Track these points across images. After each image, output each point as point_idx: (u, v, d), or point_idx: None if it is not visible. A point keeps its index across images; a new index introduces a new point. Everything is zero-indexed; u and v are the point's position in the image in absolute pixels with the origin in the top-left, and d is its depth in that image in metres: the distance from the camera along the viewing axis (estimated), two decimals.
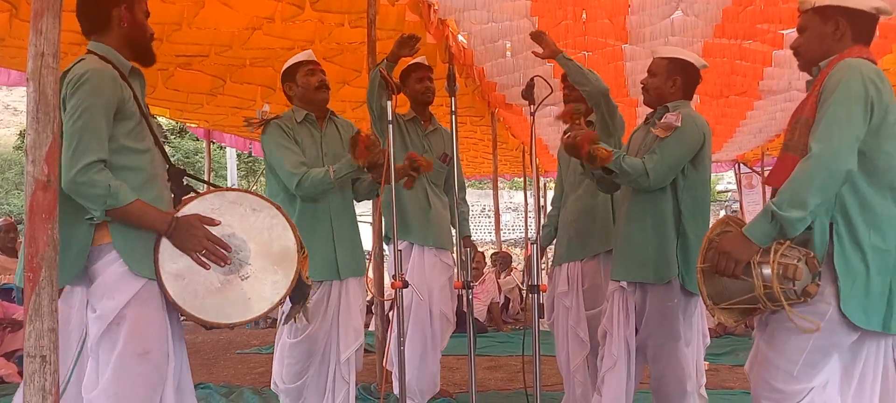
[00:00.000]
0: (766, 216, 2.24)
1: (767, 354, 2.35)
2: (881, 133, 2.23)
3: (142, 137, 2.36)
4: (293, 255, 2.43)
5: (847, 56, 2.32)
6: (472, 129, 11.15)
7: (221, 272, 2.35)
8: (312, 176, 3.29)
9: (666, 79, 3.39)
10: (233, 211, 2.41)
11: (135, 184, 2.28)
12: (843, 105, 2.19)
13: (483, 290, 8.30)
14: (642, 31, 7.12)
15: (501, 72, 8.05)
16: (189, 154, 24.39)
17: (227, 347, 6.93)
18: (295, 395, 3.53)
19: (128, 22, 2.38)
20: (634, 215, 3.34)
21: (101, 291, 2.25)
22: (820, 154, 2.17)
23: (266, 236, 2.42)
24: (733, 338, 7.24)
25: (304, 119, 3.51)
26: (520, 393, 4.57)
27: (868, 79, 2.22)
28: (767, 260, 2.24)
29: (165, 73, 7.16)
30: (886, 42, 7.01)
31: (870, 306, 2.23)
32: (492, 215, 14.67)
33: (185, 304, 2.31)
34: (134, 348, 2.23)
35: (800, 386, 2.29)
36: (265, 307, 2.40)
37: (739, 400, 4.53)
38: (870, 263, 2.23)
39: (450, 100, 3.00)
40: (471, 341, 3.09)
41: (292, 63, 3.57)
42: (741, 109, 10.14)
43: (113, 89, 2.25)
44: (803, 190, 2.18)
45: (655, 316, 3.30)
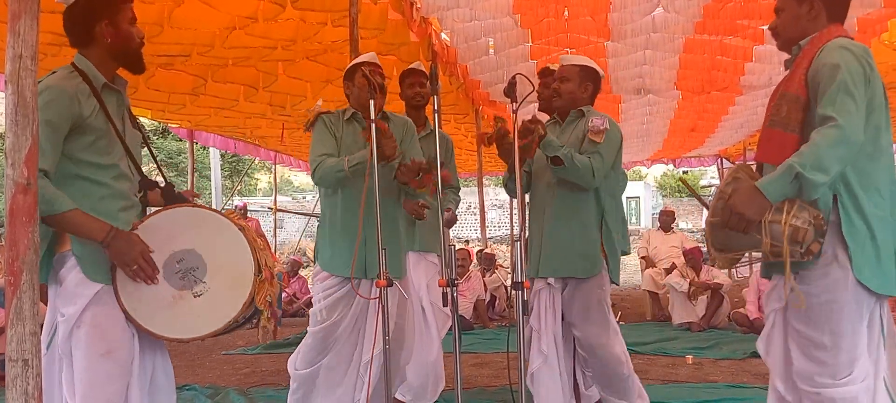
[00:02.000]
0: (788, 175, 2.27)
1: (806, 332, 2.38)
2: (872, 106, 2.34)
3: (107, 151, 2.40)
4: (249, 278, 2.42)
5: (827, 35, 2.44)
6: (456, 127, 11.15)
7: (175, 287, 2.38)
8: (327, 164, 3.33)
9: (579, 85, 3.61)
10: (196, 227, 2.43)
11: (96, 197, 2.34)
12: (849, 82, 2.28)
13: (469, 288, 8.32)
14: (624, 28, 7.15)
15: (484, 69, 8.07)
16: (172, 154, 24.25)
17: (213, 348, 6.90)
18: (305, 382, 3.53)
19: (111, 36, 2.41)
20: (560, 215, 3.52)
21: (64, 297, 2.35)
22: (844, 124, 2.24)
23: (224, 256, 2.42)
24: (717, 332, 7.30)
25: (351, 117, 3.54)
26: (505, 390, 4.59)
27: (863, 58, 2.34)
28: (779, 219, 2.29)
29: (146, 74, 7.08)
30: (865, 37, 7.09)
31: (881, 272, 2.35)
32: (477, 212, 14.70)
33: (135, 314, 2.36)
34: (97, 348, 2.31)
35: (849, 357, 2.34)
36: (213, 326, 2.40)
37: (722, 394, 4.57)
38: (875, 231, 2.34)
39: (432, 99, 3.00)
40: (456, 338, 3.12)
41: (354, 63, 3.58)
42: (723, 105, 10.21)
43: (67, 107, 2.28)
44: (827, 155, 2.24)
45: (585, 309, 3.50)
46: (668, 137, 13.31)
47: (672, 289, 7.88)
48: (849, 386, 2.33)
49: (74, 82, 2.35)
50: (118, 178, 2.42)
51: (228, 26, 6.07)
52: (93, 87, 2.38)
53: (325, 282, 3.46)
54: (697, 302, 7.74)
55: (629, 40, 7.41)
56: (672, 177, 39.25)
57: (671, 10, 6.76)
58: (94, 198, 2.35)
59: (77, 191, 2.32)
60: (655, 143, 14.21)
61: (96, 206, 2.34)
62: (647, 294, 8.69)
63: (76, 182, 2.34)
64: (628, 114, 10.75)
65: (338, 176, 3.30)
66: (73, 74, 2.37)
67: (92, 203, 2.33)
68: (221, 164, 21.01)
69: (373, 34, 6.04)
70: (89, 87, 2.37)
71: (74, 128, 2.31)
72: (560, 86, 3.60)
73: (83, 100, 2.33)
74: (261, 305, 2.45)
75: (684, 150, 15.66)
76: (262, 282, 2.44)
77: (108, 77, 2.45)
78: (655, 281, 8.52)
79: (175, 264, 2.40)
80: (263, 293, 2.46)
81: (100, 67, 2.42)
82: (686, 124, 11.85)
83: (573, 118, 3.61)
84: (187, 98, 8.14)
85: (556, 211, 3.53)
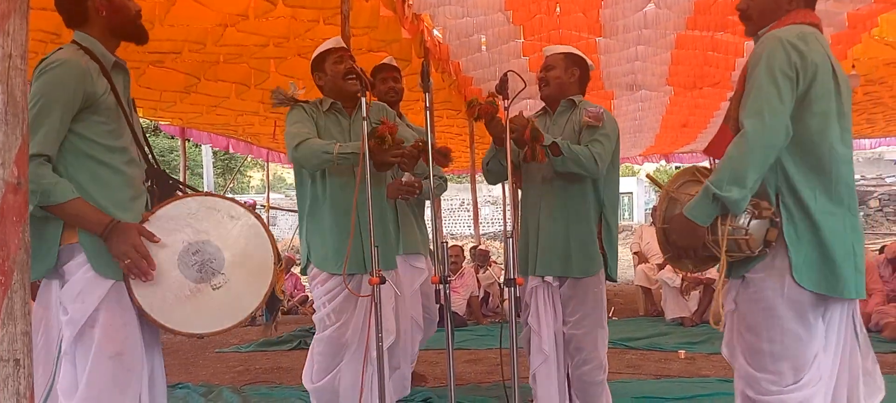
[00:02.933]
0: (707, 196, 2.21)
1: (748, 338, 2.33)
2: (811, 95, 2.20)
3: (118, 134, 2.30)
4: (269, 267, 2.35)
5: (788, 20, 2.30)
6: (449, 124, 11.16)
7: (192, 280, 2.29)
8: (312, 143, 3.15)
9: (565, 71, 3.49)
10: (210, 217, 2.34)
11: (113, 184, 2.25)
12: (767, 77, 2.16)
13: (462, 284, 8.33)
14: (616, 25, 7.17)
15: (477, 66, 8.07)
16: (164, 152, 24.17)
17: (206, 346, 6.89)
18: (325, 394, 3.40)
19: (106, 9, 2.29)
20: (557, 210, 3.40)
21: (71, 293, 2.23)
22: (753, 130, 2.15)
23: (242, 245, 2.35)
24: (709, 327, 7.30)
25: (330, 107, 3.39)
26: (498, 386, 4.60)
27: (790, 46, 2.18)
28: (717, 237, 2.24)
29: (137, 71, 7.08)
30: (855, 32, 7.12)
31: (828, 272, 2.22)
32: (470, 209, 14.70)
33: (152, 311, 2.26)
34: (106, 350, 2.21)
35: (793, 362, 2.26)
36: (235, 319, 2.33)
37: (715, 388, 4.58)
38: (823, 228, 2.21)
39: (424, 96, 2.99)
40: (449, 335, 3.10)
41: (320, 51, 3.42)
42: (714, 100, 10.24)
43: (78, 83, 2.17)
44: (740, 168, 2.16)
45: (582, 309, 3.41)
46: (661, 133, 13.35)
47: (664, 285, 7.90)
48: (795, 393, 2.25)
49: (85, 58, 2.23)
50: (129, 164, 2.32)
51: (220, 23, 6.06)
52: (102, 66, 2.28)
53: (327, 284, 3.34)
54: (690, 298, 7.76)
55: (621, 36, 7.42)
56: (666, 172, 39.33)
57: (662, 5, 6.78)
58: (108, 186, 2.25)
59: (92, 177, 2.22)
60: (647, 139, 14.24)
61: (110, 195, 2.24)
62: (640, 289, 8.71)
63: (92, 166, 2.23)
64: (620, 110, 10.77)
65: (323, 157, 3.11)
66: (76, 50, 2.24)
67: (105, 191, 2.24)
68: (214, 162, 20.97)
69: (364, 31, 6.03)
70: (98, 65, 2.26)
71: (86, 106, 2.20)
72: (546, 74, 3.51)
73: (95, 77, 2.23)
74: (279, 294, 2.42)
75: (676, 146, 15.69)
76: (281, 271, 2.40)
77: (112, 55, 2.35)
78: (648, 277, 8.54)
79: (191, 256, 2.30)
80: (281, 282, 2.43)
81: (104, 44, 2.31)
82: (678, 120, 11.88)
83: (564, 108, 3.50)
84: (179, 96, 8.11)
85: (553, 206, 3.41)
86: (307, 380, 3.49)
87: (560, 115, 3.52)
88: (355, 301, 3.32)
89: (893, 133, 13.97)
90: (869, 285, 3.85)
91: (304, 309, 9.66)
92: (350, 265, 3.24)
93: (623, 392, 4.49)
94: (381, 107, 3.63)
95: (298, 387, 4.87)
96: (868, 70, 8.69)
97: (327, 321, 3.35)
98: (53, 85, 2.15)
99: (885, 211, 24.10)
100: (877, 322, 6.46)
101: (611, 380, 3.58)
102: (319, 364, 3.40)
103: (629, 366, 5.52)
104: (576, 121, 3.43)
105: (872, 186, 24.69)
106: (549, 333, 3.46)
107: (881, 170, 27.25)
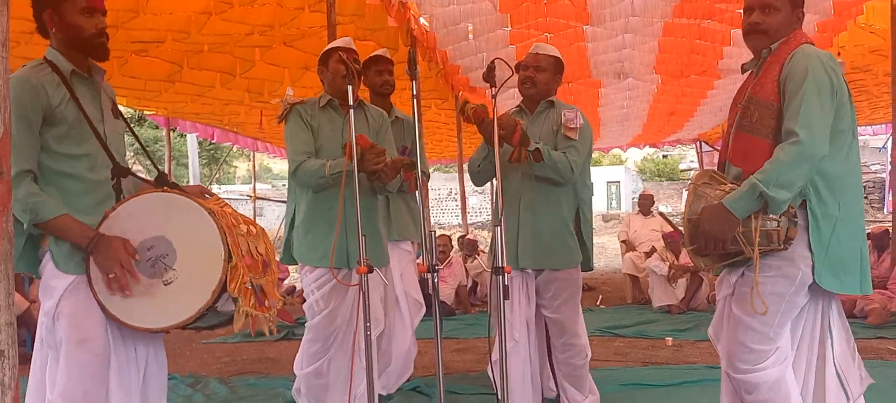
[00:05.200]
0: (753, 193, 2.34)
1: (742, 318, 2.48)
2: (839, 114, 2.39)
3: (79, 141, 2.35)
4: (219, 264, 2.33)
5: (795, 41, 2.48)
6: (436, 113, 11.13)
7: (146, 275, 2.32)
8: (308, 166, 3.27)
9: (553, 75, 3.62)
10: (165, 213, 2.37)
11: (74, 191, 2.33)
12: (815, 93, 2.33)
13: (450, 273, 8.33)
14: (603, 12, 7.16)
15: (464, 54, 8.05)
16: (148, 143, 24.00)
17: (193, 337, 6.86)
18: (314, 379, 3.44)
19: (56, 26, 2.35)
20: (537, 205, 3.51)
21: (42, 291, 2.37)
22: (806, 141, 2.30)
23: (195, 242, 2.35)
24: (696, 314, 7.36)
25: (327, 104, 3.47)
26: (486, 375, 4.60)
27: (829, 67, 2.38)
28: (750, 227, 2.37)
29: (120, 61, 7.02)
30: (841, 19, 7.16)
31: (844, 273, 2.43)
32: (458, 198, 14.71)
33: (110, 306, 2.32)
34: (72, 338, 2.29)
35: (772, 345, 2.46)
36: (184, 315, 2.33)
37: (702, 375, 4.61)
38: (843, 235, 2.41)
39: (411, 84, 2.96)
40: (437, 324, 3.10)
41: (328, 48, 3.53)
42: (701, 89, 10.27)
43: (33, 97, 2.25)
44: (791, 173, 2.31)
45: (560, 296, 3.54)
46: (648, 121, 13.38)
47: (652, 273, 7.93)
48: (768, 370, 2.45)
49: (40, 73, 2.31)
50: (93, 169, 2.38)
51: (204, 12, 6.01)
52: (62, 76, 2.33)
53: (315, 272, 3.40)
54: (677, 285, 7.80)
55: (608, 24, 7.42)
56: (652, 160, 39.51)
57: None
58: (69, 193, 2.32)
59: (56, 187, 2.31)
60: (635, 127, 14.28)
61: (71, 202, 2.31)
62: (628, 277, 8.75)
63: (55, 177, 2.32)
64: (608, 98, 10.78)
65: (319, 182, 3.25)
66: (40, 65, 2.34)
67: (67, 198, 2.31)
68: (199, 152, 20.85)
69: (351, 19, 6.01)
70: (58, 77, 2.33)
71: (45, 119, 2.29)
72: (536, 75, 3.57)
73: (50, 89, 2.30)
74: (235, 293, 2.35)
75: (664, 134, 15.75)
76: (234, 268, 2.34)
77: (79, 65, 2.40)
78: (636, 265, 8.57)
79: (145, 252, 2.33)
80: (237, 279, 2.36)
81: (66, 56, 2.37)
82: (665, 108, 11.92)
83: (542, 108, 3.60)
84: (163, 85, 8.05)
85: (532, 201, 3.52)
86: (298, 367, 3.53)
87: (538, 115, 3.62)
88: (345, 291, 3.34)
89: (878, 120, 14.07)
90: None
91: (291, 300, 9.64)
92: (337, 259, 3.28)
93: (610, 379, 4.50)
94: (378, 112, 3.66)
95: (285, 378, 4.86)
96: (853, 57, 8.74)
97: (316, 308, 3.39)
98: (14, 102, 2.15)
99: (870, 198, 24.31)
100: (861, 308, 6.52)
101: (598, 368, 3.63)
102: (308, 350, 3.44)
103: (617, 354, 5.54)
104: (553, 121, 3.55)
105: None
106: (520, 320, 3.55)
107: (866, 158, 27.44)
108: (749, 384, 2.47)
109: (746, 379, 2.48)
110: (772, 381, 2.45)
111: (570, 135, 3.48)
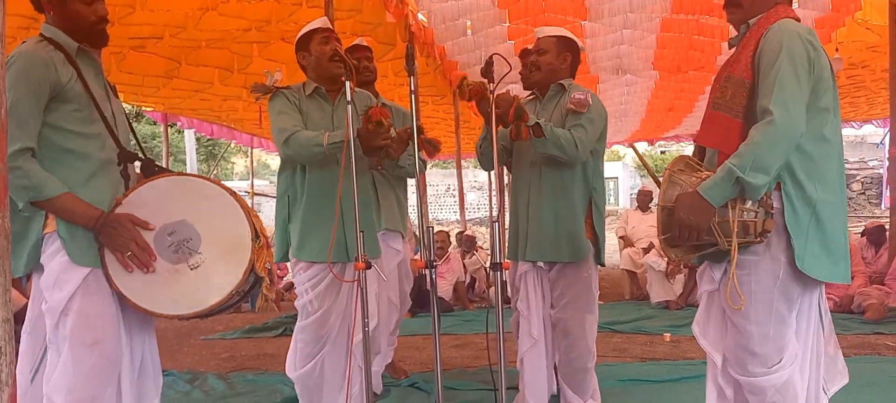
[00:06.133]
0: (729, 179, 2.21)
1: (736, 321, 2.37)
2: (817, 90, 2.25)
3: (90, 121, 2.28)
4: (246, 245, 2.29)
5: (775, 15, 2.34)
6: (434, 109, 11.13)
7: (170, 261, 2.26)
8: (302, 135, 3.08)
9: (557, 56, 3.46)
10: (184, 197, 2.31)
11: (85, 171, 2.24)
12: (790, 69, 2.19)
13: (448, 269, 8.33)
14: (601, 8, 7.16)
15: (462, 50, 8.05)
16: (146, 138, 23.95)
17: (191, 333, 6.85)
18: (308, 380, 3.36)
19: (55, 11, 2.29)
20: (546, 195, 3.38)
21: (49, 282, 2.23)
22: (781, 119, 2.16)
23: (218, 224, 2.30)
24: (694, 310, 7.34)
25: (313, 91, 3.31)
26: (485, 370, 4.61)
27: (806, 41, 2.24)
28: (726, 217, 2.24)
29: (118, 56, 7.01)
30: (839, 15, 7.15)
31: (827, 259, 2.29)
32: (456, 194, 14.71)
33: (132, 296, 2.25)
34: (83, 339, 2.20)
35: (778, 344, 2.33)
36: (215, 298, 2.28)
37: (699, 370, 4.60)
38: (823, 218, 2.27)
39: (409, 80, 2.95)
40: (435, 320, 3.08)
41: (306, 31, 3.34)
42: (700, 84, 10.27)
43: (42, 72, 2.17)
44: (767, 155, 2.17)
45: (571, 293, 3.41)
46: (646, 117, 13.38)
47: (650, 268, 7.93)
48: (779, 372, 2.32)
49: (47, 49, 2.23)
50: (104, 150, 2.31)
51: (201, 7, 5.99)
52: (67, 54, 2.27)
53: (309, 271, 3.29)
54: (675, 281, 7.81)
55: (606, 20, 7.42)
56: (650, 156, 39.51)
57: None
58: (81, 173, 2.25)
59: (64, 165, 2.23)
60: (633, 123, 14.28)
61: (85, 183, 2.24)
62: (626, 273, 8.75)
63: (63, 156, 2.23)
64: (606, 94, 10.77)
65: (314, 151, 3.05)
66: (43, 42, 2.25)
67: (79, 179, 2.24)
68: (197, 148, 20.83)
69: (348, 15, 6.00)
70: (63, 54, 2.26)
71: (54, 95, 2.21)
72: (538, 58, 3.45)
73: (59, 66, 2.22)
74: (261, 272, 2.33)
75: (662, 130, 15.75)
76: (260, 248, 2.32)
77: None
78: (634, 261, 8.57)
79: (166, 237, 2.27)
80: (262, 260, 2.34)
81: (68, 34, 2.30)
82: (663, 104, 11.92)
83: (553, 93, 3.47)
84: (161, 81, 8.04)
85: (542, 191, 3.38)
86: (291, 368, 3.46)
87: (549, 100, 3.48)
88: (338, 288, 3.29)
89: (876, 116, 14.09)
90: (852, 267, 3.93)
91: (289, 296, 9.64)
92: (336, 254, 3.19)
93: (609, 375, 4.50)
94: (365, 95, 3.58)
95: (284, 374, 4.85)
96: (851, 53, 8.74)
97: (310, 308, 3.31)
98: (17, 78, 2.13)
99: (868, 194, 24.33)
100: (859, 303, 6.53)
101: (596, 364, 3.59)
102: (302, 351, 3.36)
103: (615, 350, 5.54)
104: (564, 105, 3.39)
105: (855, 169, 24.90)
106: (538, 318, 3.46)
107: (864, 154, 27.47)
108: (755, 387, 2.35)
109: (754, 383, 2.35)
110: (780, 384, 2.33)
111: (577, 108, 3.29)
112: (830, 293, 6.67)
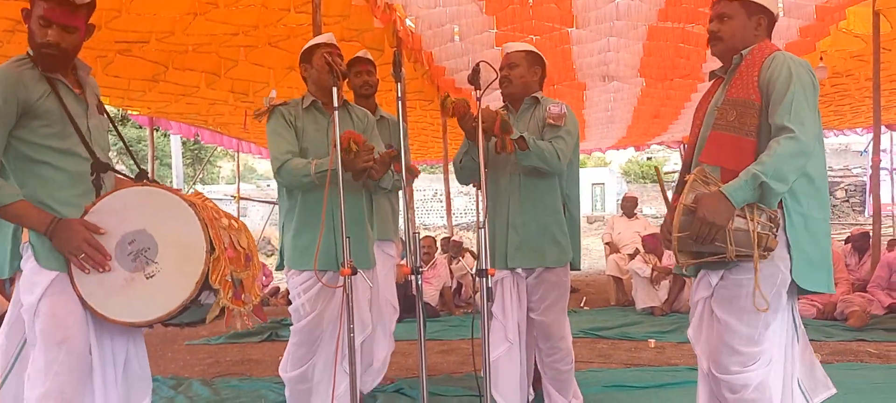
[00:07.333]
0: (753, 183, 2.35)
1: (727, 321, 2.51)
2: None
3: (62, 136, 2.37)
4: (201, 256, 2.34)
5: (768, 48, 2.56)
6: (421, 114, 11.13)
7: (127, 269, 2.33)
8: (292, 165, 3.21)
9: (528, 69, 3.58)
10: (146, 207, 2.38)
11: (55, 183, 2.34)
12: (803, 95, 2.40)
13: (434, 275, 8.33)
14: (588, 16, 7.19)
15: (450, 56, 8.06)
16: (132, 142, 23.82)
17: (175, 338, 6.82)
18: (299, 384, 3.41)
19: (27, 28, 2.38)
20: (526, 205, 3.49)
21: (23, 286, 2.35)
22: (800, 136, 2.34)
23: (175, 234, 2.36)
24: (679, 316, 7.40)
25: (310, 105, 3.40)
26: (471, 376, 4.61)
27: (808, 69, 2.47)
28: (743, 226, 2.38)
29: (105, 60, 6.97)
30: (823, 24, 7.22)
31: (816, 271, 2.49)
32: (443, 199, 14.71)
33: (91, 300, 2.32)
34: (53, 337, 2.29)
35: (760, 347, 2.49)
36: (167, 309, 2.34)
37: (684, 376, 4.63)
38: (814, 233, 2.48)
39: (396, 86, 2.96)
40: (421, 326, 3.09)
41: (311, 44, 3.45)
42: (685, 92, 10.33)
43: (10, 90, 2.27)
44: (788, 165, 2.35)
45: (552, 295, 3.52)
46: (632, 124, 13.45)
47: (635, 275, 7.97)
48: (757, 371, 2.49)
49: (21, 67, 2.34)
50: (76, 163, 2.40)
51: (188, 12, 5.97)
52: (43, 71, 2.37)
53: (302, 275, 3.35)
54: (660, 287, 7.84)
55: (593, 27, 7.46)
56: (636, 162, 39.67)
57: None
58: (52, 185, 2.34)
59: (36, 178, 2.32)
60: (619, 130, 14.34)
61: (52, 194, 2.33)
62: (612, 279, 8.78)
63: (36, 168, 2.33)
64: (593, 100, 10.83)
65: (303, 181, 3.20)
66: (22, 60, 2.36)
67: (47, 189, 2.33)
68: (183, 152, 20.72)
69: (336, 20, 5.99)
70: (39, 72, 2.36)
71: (24, 112, 2.30)
72: (510, 73, 3.56)
73: (31, 84, 2.31)
74: (216, 284, 2.36)
75: (648, 137, 15.83)
76: (216, 260, 2.36)
77: None
78: (619, 267, 8.60)
79: (126, 246, 2.35)
80: (218, 272, 2.37)
81: None
82: (650, 110, 11.97)
83: (527, 106, 3.58)
84: (147, 84, 8.00)
85: (522, 200, 3.49)
86: (283, 370, 3.50)
87: (523, 112, 3.59)
88: (331, 293, 3.33)
89: (860, 124, 14.21)
90: (836, 275, 4.11)
91: (274, 301, 9.60)
92: (323, 262, 3.23)
93: (594, 380, 4.52)
94: (363, 112, 3.63)
95: (268, 379, 4.84)
96: (835, 62, 8.82)
97: (302, 311, 3.36)
98: None
99: (852, 201, 24.56)
100: (842, 311, 6.58)
101: (581, 370, 3.64)
102: (294, 354, 3.41)
103: (600, 355, 5.55)
104: (539, 117, 3.51)
105: (839, 177, 25.15)
106: (513, 322, 3.53)
107: (847, 161, 27.73)
108: (735, 384, 2.49)
109: (733, 380, 2.50)
110: (758, 382, 2.47)
111: (556, 122, 3.43)
112: (814, 300, 6.72)
